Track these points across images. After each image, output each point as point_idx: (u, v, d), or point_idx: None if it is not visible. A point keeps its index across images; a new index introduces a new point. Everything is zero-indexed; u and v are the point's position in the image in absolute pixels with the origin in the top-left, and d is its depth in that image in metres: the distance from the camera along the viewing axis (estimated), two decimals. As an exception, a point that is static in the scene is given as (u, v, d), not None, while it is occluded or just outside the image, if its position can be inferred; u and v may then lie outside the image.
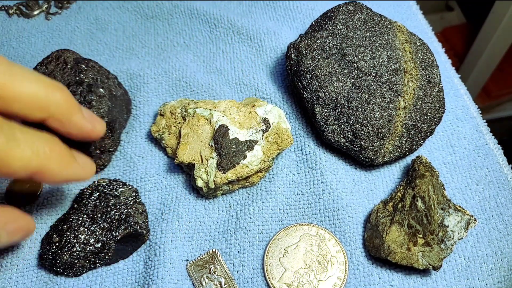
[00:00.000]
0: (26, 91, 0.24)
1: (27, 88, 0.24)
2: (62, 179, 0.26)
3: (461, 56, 0.94)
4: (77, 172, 0.27)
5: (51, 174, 0.25)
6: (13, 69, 0.24)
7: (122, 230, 0.31)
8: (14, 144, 0.23)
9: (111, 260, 0.32)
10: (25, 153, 0.23)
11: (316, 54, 0.36)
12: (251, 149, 0.33)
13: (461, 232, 0.31)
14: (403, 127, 0.35)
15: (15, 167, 0.23)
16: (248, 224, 0.34)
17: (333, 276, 0.32)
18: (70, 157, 0.27)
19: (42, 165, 0.24)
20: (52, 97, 0.25)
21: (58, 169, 0.25)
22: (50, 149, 0.25)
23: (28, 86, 0.24)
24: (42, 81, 0.25)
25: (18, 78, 0.24)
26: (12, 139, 0.23)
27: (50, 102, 0.25)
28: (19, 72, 0.24)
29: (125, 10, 0.48)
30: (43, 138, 0.25)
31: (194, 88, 0.42)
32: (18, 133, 0.23)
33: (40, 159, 0.24)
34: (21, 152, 0.23)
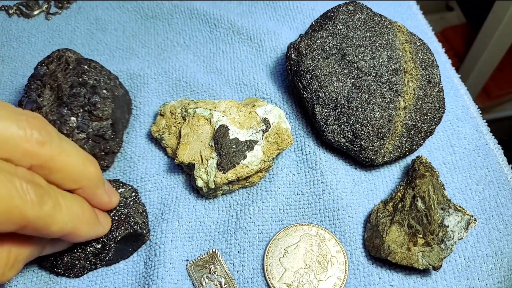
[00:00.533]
0: (69, 165, 0.26)
1: (71, 162, 0.26)
2: (87, 238, 0.28)
3: (461, 56, 0.94)
4: (99, 231, 0.29)
5: (79, 235, 0.27)
6: (62, 143, 0.26)
7: (122, 230, 0.31)
8: (57, 209, 0.24)
9: (112, 261, 0.32)
10: (65, 218, 0.25)
11: (316, 54, 0.36)
12: (251, 149, 0.33)
13: (461, 232, 0.31)
14: (403, 127, 0.35)
15: (53, 230, 0.24)
16: (248, 224, 0.34)
17: (333, 276, 0.32)
18: (96, 218, 0.29)
19: (75, 228, 0.26)
20: (87, 171, 0.27)
21: (87, 231, 0.27)
22: (82, 213, 0.27)
23: (71, 160, 0.26)
24: (81, 154, 0.27)
25: (65, 152, 0.26)
26: (56, 204, 0.24)
27: (85, 175, 0.27)
28: (66, 146, 0.26)
29: (125, 10, 0.48)
30: (78, 202, 0.27)
31: (194, 88, 0.42)
32: (60, 198, 0.25)
33: (75, 222, 0.26)
34: (62, 217, 0.24)
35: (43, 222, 0.23)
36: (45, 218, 0.23)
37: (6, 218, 0.21)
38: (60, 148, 0.25)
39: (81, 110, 0.34)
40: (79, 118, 0.33)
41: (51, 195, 0.24)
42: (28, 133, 0.24)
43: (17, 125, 0.23)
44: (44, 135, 0.24)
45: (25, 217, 0.22)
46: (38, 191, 0.23)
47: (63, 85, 0.34)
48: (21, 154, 0.23)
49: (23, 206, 0.22)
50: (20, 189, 0.22)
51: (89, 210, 0.28)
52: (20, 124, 0.23)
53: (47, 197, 0.24)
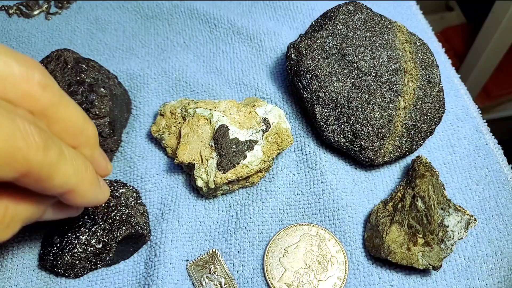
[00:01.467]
0: (69, 116, 0.24)
1: (71, 114, 0.24)
2: (87, 201, 0.25)
3: (461, 56, 0.94)
4: (100, 196, 0.27)
5: (81, 195, 0.24)
6: (62, 92, 0.23)
7: (123, 230, 0.31)
8: (62, 159, 0.21)
9: (112, 261, 0.32)
10: (69, 170, 0.22)
11: (316, 54, 0.36)
12: (251, 149, 0.33)
13: (461, 232, 0.31)
14: (403, 127, 0.35)
15: (55, 183, 0.21)
16: (248, 224, 0.34)
17: (333, 276, 0.32)
18: (97, 179, 0.26)
19: (76, 185, 0.23)
20: (86, 128, 0.25)
21: (89, 191, 0.25)
22: (85, 169, 0.24)
23: (72, 112, 0.24)
24: (80, 109, 0.25)
25: (65, 102, 0.23)
26: (61, 152, 0.22)
27: (84, 132, 0.25)
28: (65, 96, 0.24)
29: (125, 10, 0.48)
30: (82, 157, 0.24)
31: (194, 88, 0.42)
32: (64, 148, 0.22)
33: (78, 178, 0.23)
34: (66, 168, 0.22)
35: (46, 171, 0.20)
36: (49, 166, 0.20)
37: (7, 162, 0.18)
38: (61, 97, 0.23)
39: None
40: None
41: (55, 141, 0.21)
42: (30, 72, 0.21)
43: (17, 62, 0.21)
44: (46, 78, 0.22)
45: (28, 162, 0.19)
46: (42, 135, 0.20)
47: (61, 84, 0.34)
48: (20, 95, 0.21)
49: (27, 149, 0.19)
50: (23, 129, 0.19)
51: (92, 168, 0.25)
52: (21, 62, 0.21)
53: (51, 142, 0.21)
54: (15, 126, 0.19)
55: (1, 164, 0.18)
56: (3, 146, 0.18)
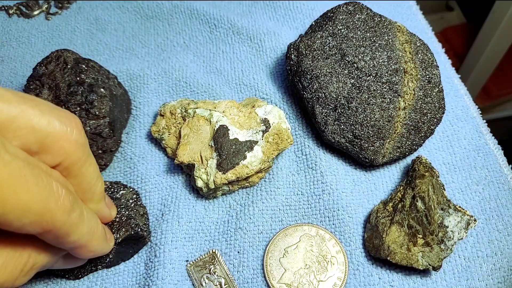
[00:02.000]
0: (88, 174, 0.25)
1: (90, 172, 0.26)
2: (93, 254, 0.27)
3: (461, 56, 0.94)
4: (106, 248, 0.29)
5: (89, 250, 0.26)
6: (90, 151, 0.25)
7: (123, 232, 0.31)
8: (81, 219, 0.23)
9: (112, 262, 0.32)
10: (84, 230, 0.24)
11: (316, 55, 0.36)
12: (251, 149, 0.33)
13: (461, 232, 0.31)
14: (403, 127, 0.35)
15: (70, 240, 0.23)
16: (248, 224, 0.34)
17: (333, 277, 0.32)
18: (105, 235, 0.28)
19: (88, 241, 0.25)
20: (97, 184, 0.27)
21: (97, 246, 0.27)
22: (97, 227, 0.26)
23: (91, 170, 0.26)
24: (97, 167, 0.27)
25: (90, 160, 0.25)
26: (81, 213, 0.23)
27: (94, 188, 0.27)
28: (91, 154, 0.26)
29: (125, 10, 0.48)
30: (95, 217, 0.26)
31: (194, 88, 0.42)
32: (84, 210, 0.24)
33: (90, 236, 0.25)
34: (83, 228, 0.24)
35: (66, 230, 0.22)
36: (69, 226, 0.22)
37: (36, 221, 0.20)
38: (88, 155, 0.25)
39: (78, 108, 0.34)
40: None
41: (79, 204, 0.24)
42: (70, 130, 0.23)
43: (59, 121, 0.23)
44: (82, 137, 0.24)
45: (54, 223, 0.21)
46: (71, 197, 0.22)
47: (61, 84, 0.34)
48: (57, 150, 0.23)
49: (56, 211, 0.21)
50: (56, 193, 0.21)
51: (102, 225, 0.28)
52: (63, 121, 0.23)
53: (76, 205, 0.23)
54: (51, 190, 0.21)
55: (31, 222, 0.20)
56: (38, 207, 0.20)
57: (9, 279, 0.22)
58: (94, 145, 0.35)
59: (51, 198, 0.21)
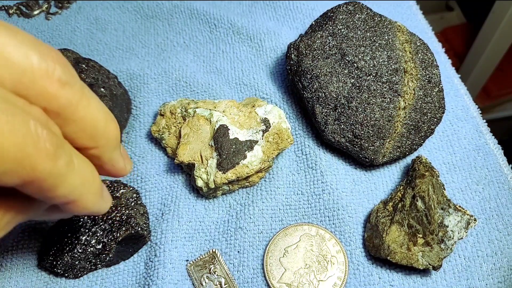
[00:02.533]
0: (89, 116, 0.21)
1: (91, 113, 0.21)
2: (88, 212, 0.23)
3: (461, 56, 0.94)
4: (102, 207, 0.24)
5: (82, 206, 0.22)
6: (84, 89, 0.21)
7: (123, 231, 0.31)
8: (70, 169, 0.19)
9: (112, 262, 0.32)
10: (75, 182, 0.20)
11: (316, 54, 0.36)
12: (251, 149, 0.33)
13: (461, 232, 0.31)
14: (403, 127, 0.35)
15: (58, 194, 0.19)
16: (248, 224, 0.34)
17: (333, 276, 0.32)
18: (101, 190, 0.24)
19: (81, 196, 0.21)
20: (108, 128, 0.22)
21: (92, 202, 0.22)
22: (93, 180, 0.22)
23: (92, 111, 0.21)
24: (104, 107, 0.22)
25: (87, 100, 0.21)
26: (70, 162, 0.19)
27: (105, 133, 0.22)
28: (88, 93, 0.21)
29: (125, 10, 0.48)
30: (90, 166, 0.22)
31: (194, 88, 0.42)
32: (74, 157, 0.20)
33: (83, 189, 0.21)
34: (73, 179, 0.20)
35: (52, 181, 0.18)
36: (55, 176, 0.18)
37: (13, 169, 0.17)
38: (82, 94, 0.21)
39: None
40: None
41: (66, 149, 0.19)
42: (50, 67, 0.19)
43: (38, 55, 0.19)
44: (67, 74, 0.20)
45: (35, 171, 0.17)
46: (54, 141, 0.18)
47: None
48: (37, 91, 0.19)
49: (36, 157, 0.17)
50: (35, 134, 0.17)
51: (99, 178, 0.23)
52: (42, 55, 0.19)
53: (61, 150, 0.19)
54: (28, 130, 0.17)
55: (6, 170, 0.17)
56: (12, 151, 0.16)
57: None
58: None
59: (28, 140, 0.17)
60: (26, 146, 0.17)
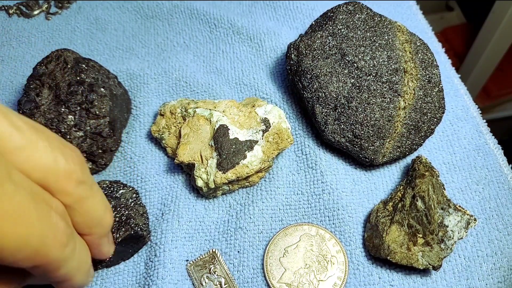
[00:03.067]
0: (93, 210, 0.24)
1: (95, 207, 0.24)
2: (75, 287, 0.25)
3: (461, 56, 0.94)
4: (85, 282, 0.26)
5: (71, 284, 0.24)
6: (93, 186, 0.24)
7: (123, 232, 0.31)
8: (72, 255, 0.22)
9: (112, 262, 0.32)
10: (73, 265, 0.22)
11: (316, 54, 0.36)
12: (251, 149, 0.33)
13: (461, 232, 0.31)
14: (403, 127, 0.35)
15: (57, 275, 0.21)
16: (248, 224, 0.34)
17: (333, 276, 0.32)
18: (90, 269, 0.26)
19: (74, 276, 0.23)
20: (104, 219, 0.25)
21: (80, 281, 0.24)
22: (86, 262, 0.24)
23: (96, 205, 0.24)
24: (105, 201, 0.25)
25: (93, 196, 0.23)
26: (74, 249, 0.22)
27: (101, 223, 0.25)
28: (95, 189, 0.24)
29: (125, 10, 0.48)
30: (86, 251, 0.24)
31: (194, 88, 0.42)
32: (77, 244, 0.23)
33: (77, 271, 0.23)
34: (72, 263, 0.22)
35: (56, 265, 0.20)
36: (60, 261, 0.20)
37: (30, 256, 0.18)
38: (91, 191, 0.23)
39: (78, 108, 0.34)
40: (77, 116, 0.34)
41: (74, 236, 0.22)
42: (72, 168, 0.22)
43: (65, 159, 0.21)
44: (83, 175, 0.22)
45: (47, 258, 0.19)
46: (68, 231, 0.21)
47: (61, 84, 0.34)
48: (58, 188, 0.21)
49: (52, 246, 0.19)
50: (55, 227, 0.19)
51: (90, 260, 0.26)
52: (67, 158, 0.22)
53: (71, 238, 0.21)
54: (50, 222, 0.19)
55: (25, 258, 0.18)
56: (36, 243, 0.18)
57: None
58: (94, 145, 0.35)
59: (49, 232, 0.19)
60: (47, 238, 0.19)
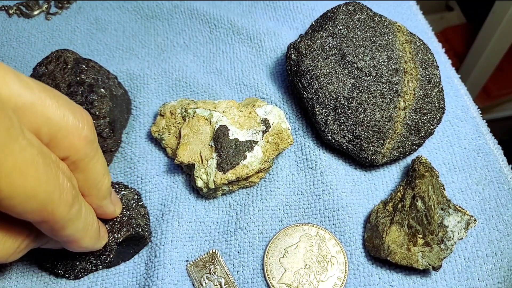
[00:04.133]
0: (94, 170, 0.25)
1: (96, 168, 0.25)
2: (83, 249, 0.27)
3: (461, 56, 0.94)
4: (97, 245, 0.29)
5: (79, 246, 0.26)
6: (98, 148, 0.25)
7: (124, 232, 0.31)
8: (78, 215, 0.23)
9: (113, 263, 0.32)
10: (79, 226, 0.24)
11: (316, 54, 0.36)
12: (251, 149, 0.33)
13: (461, 232, 0.31)
14: (403, 127, 0.35)
15: (64, 234, 0.23)
16: (248, 224, 0.34)
17: (333, 277, 0.32)
18: (98, 233, 0.28)
19: (81, 238, 0.25)
20: (103, 181, 0.26)
21: (88, 243, 0.26)
22: (92, 224, 0.26)
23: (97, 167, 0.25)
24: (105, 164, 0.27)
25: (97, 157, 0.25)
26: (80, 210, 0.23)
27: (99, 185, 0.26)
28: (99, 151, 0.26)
29: (125, 10, 0.48)
30: (92, 214, 0.26)
31: (194, 88, 0.42)
32: (83, 206, 0.24)
33: (84, 232, 0.25)
34: (77, 224, 0.24)
35: (62, 224, 0.22)
36: (67, 220, 0.22)
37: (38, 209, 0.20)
38: (97, 152, 0.25)
39: None
40: None
41: (79, 199, 0.23)
42: (81, 126, 0.23)
43: (73, 115, 0.23)
44: (91, 133, 0.24)
45: (53, 215, 0.21)
46: (74, 192, 0.22)
47: (61, 84, 0.34)
48: (66, 144, 0.23)
49: (58, 204, 0.21)
50: (62, 186, 0.21)
51: (97, 223, 0.27)
52: (76, 116, 0.23)
53: (77, 200, 0.23)
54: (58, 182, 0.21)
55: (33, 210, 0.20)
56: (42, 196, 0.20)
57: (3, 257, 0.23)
58: None
59: (56, 190, 0.21)
60: (53, 194, 0.20)
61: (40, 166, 0.20)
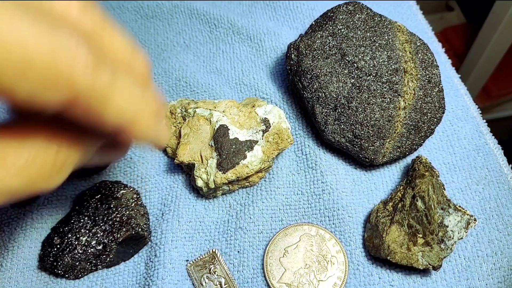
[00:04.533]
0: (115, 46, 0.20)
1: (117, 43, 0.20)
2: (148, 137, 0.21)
3: (461, 56, 0.94)
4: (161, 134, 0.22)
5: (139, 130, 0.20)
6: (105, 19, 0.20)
7: (124, 232, 0.31)
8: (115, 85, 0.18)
9: (112, 262, 0.32)
10: (123, 98, 0.18)
11: (316, 54, 0.36)
12: (251, 149, 0.33)
13: (461, 232, 0.31)
14: (403, 127, 0.35)
15: (110, 112, 0.18)
16: (248, 224, 0.34)
17: (333, 276, 0.32)
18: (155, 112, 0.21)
19: (135, 117, 0.19)
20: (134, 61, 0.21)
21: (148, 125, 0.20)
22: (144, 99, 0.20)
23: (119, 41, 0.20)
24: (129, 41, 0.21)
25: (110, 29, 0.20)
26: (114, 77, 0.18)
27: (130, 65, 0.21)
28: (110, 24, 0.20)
29: (125, 10, 0.48)
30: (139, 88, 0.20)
31: (194, 88, 0.42)
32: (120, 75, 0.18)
33: (135, 110, 0.19)
34: (121, 96, 0.18)
35: (97, 97, 0.17)
36: (100, 91, 0.17)
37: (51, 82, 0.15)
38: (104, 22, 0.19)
39: None
40: None
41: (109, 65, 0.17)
42: None
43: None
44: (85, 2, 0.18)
45: (75, 85, 0.16)
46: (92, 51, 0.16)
47: None
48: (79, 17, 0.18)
49: (74, 68, 0.15)
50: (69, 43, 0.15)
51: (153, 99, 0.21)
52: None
53: (103, 64, 0.17)
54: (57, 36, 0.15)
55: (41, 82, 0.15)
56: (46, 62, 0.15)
57: (41, 177, 0.18)
58: None
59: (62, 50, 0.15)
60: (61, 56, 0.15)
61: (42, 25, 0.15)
